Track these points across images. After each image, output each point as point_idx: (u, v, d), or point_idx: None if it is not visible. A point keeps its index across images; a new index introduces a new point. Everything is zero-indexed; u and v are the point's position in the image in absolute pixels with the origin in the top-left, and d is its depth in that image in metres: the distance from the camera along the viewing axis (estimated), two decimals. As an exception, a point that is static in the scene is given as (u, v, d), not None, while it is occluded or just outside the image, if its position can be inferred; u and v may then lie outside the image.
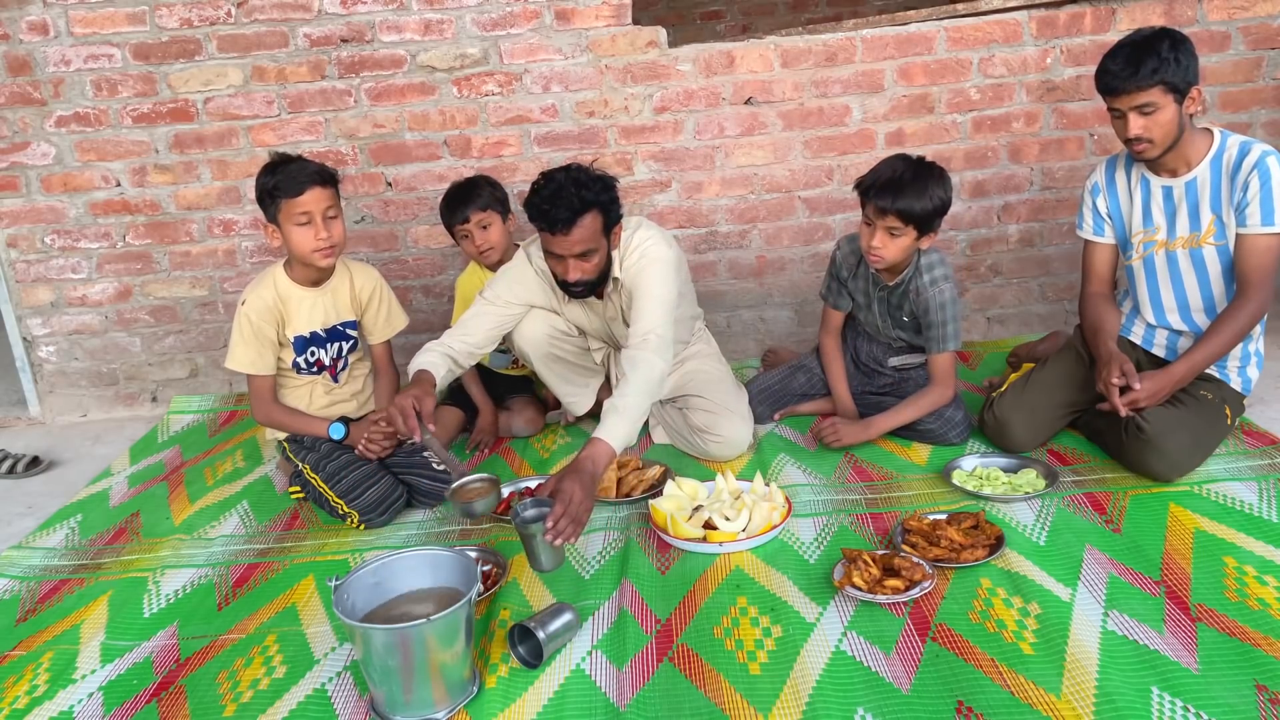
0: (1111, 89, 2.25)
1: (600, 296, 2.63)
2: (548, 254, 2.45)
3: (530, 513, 1.99)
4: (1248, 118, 3.36)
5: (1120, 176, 2.49)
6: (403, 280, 3.50)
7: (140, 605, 2.19)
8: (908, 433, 2.65)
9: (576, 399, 2.91)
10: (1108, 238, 2.53)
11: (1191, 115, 2.28)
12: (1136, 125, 2.24)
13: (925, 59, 3.30)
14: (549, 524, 1.95)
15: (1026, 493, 2.26)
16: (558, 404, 3.06)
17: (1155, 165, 2.38)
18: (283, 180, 2.44)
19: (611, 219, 2.42)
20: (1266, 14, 3.25)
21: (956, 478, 2.38)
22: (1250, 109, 3.36)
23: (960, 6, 3.32)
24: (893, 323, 2.72)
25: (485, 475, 2.19)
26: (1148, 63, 2.18)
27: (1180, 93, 2.21)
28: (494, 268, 2.86)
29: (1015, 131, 3.38)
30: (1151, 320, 2.49)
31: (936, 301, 2.53)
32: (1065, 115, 3.36)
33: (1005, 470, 2.40)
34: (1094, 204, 2.52)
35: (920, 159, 2.48)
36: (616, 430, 2.18)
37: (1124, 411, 2.27)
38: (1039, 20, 3.26)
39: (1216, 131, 2.34)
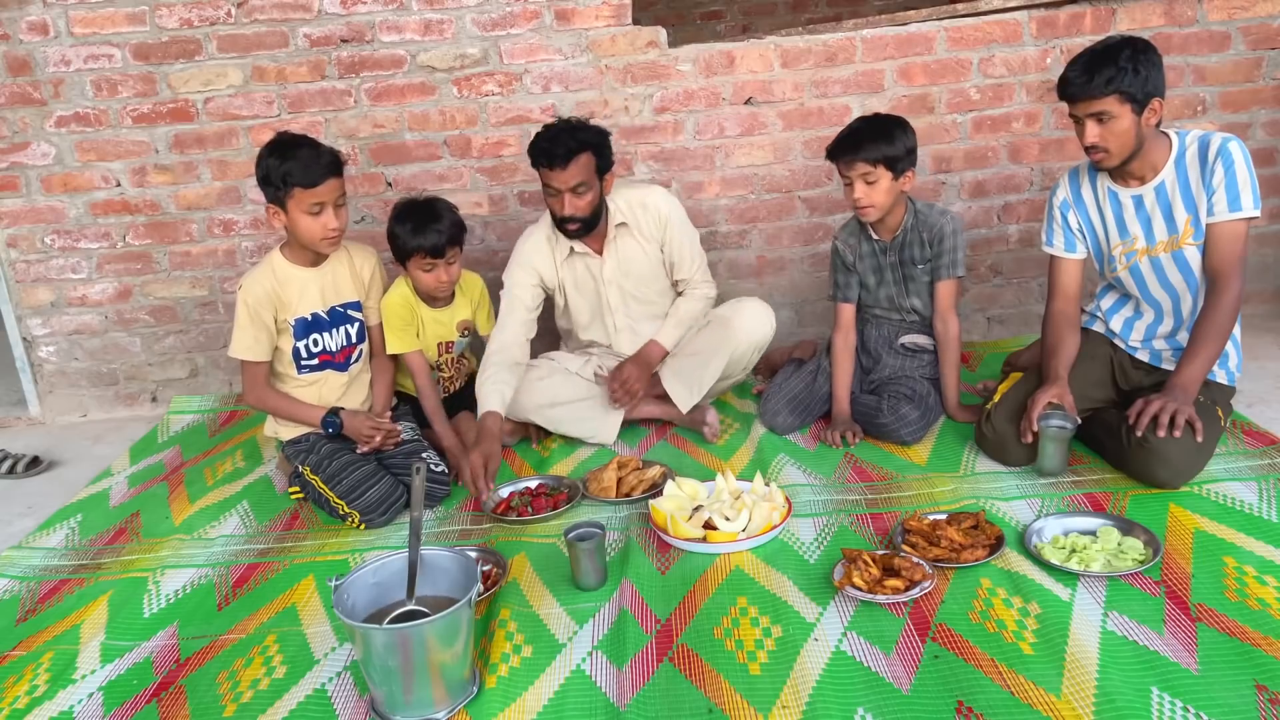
0: (1068, 95, 2.27)
1: (593, 234, 2.79)
2: (546, 189, 2.69)
3: (580, 532, 2.08)
4: (1248, 118, 3.36)
5: (1086, 189, 2.47)
6: (403, 280, 3.50)
7: (140, 605, 2.19)
8: (866, 427, 2.72)
9: (598, 430, 2.86)
10: (1079, 254, 2.51)
11: (1157, 124, 2.28)
12: (1092, 133, 2.25)
13: (925, 59, 3.30)
14: (613, 386, 2.78)
15: (1137, 560, 1.95)
16: None
17: (1120, 174, 2.37)
18: (296, 168, 2.38)
19: (604, 162, 2.68)
20: (1266, 14, 3.25)
21: (1047, 553, 1.99)
22: (1250, 109, 3.36)
23: (960, 6, 3.32)
24: (906, 285, 2.77)
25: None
26: (1104, 72, 2.18)
27: (1139, 103, 2.20)
28: (436, 300, 2.83)
29: (1015, 131, 3.38)
30: (1150, 319, 2.47)
31: (950, 227, 2.69)
32: (1065, 115, 3.31)
33: (1083, 533, 2.05)
34: (1064, 219, 2.49)
35: (876, 114, 2.70)
36: (669, 335, 2.87)
37: (1035, 428, 2.32)
38: (1039, 20, 3.26)
39: (1173, 133, 2.34)
